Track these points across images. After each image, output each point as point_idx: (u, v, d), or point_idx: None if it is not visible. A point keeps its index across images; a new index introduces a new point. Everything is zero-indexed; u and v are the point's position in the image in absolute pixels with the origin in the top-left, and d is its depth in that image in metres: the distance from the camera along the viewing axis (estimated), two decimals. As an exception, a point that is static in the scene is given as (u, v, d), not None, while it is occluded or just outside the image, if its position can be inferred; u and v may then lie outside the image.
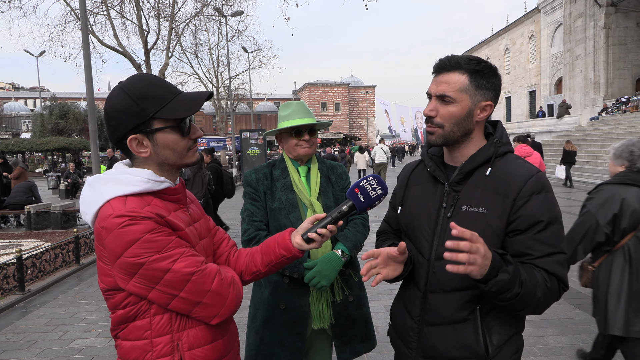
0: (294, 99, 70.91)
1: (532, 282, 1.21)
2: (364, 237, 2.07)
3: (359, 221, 2.09)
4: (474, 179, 1.34)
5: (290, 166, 2.08)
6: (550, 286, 1.24)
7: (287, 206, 1.99)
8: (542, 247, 1.25)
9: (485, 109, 1.34)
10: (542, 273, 1.25)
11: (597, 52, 25.15)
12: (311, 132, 2.05)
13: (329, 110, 67.61)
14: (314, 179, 2.06)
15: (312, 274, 1.87)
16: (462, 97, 1.30)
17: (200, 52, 34.74)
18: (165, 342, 1.19)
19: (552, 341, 3.70)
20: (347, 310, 2.04)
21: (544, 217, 1.25)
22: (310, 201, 2.00)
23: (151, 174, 1.20)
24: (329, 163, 2.19)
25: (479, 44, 46.27)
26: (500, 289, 1.16)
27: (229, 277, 1.25)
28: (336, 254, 1.92)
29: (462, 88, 1.30)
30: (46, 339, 4.16)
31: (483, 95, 1.32)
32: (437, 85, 1.33)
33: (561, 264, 1.27)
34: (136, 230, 1.09)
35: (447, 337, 1.35)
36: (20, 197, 10.35)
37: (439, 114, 1.33)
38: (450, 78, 1.31)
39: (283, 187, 2.03)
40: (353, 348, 2.07)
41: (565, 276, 1.27)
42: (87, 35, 8.04)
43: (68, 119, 34.65)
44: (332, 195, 2.07)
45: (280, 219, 1.99)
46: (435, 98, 1.35)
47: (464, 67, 1.30)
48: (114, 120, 1.19)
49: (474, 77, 1.30)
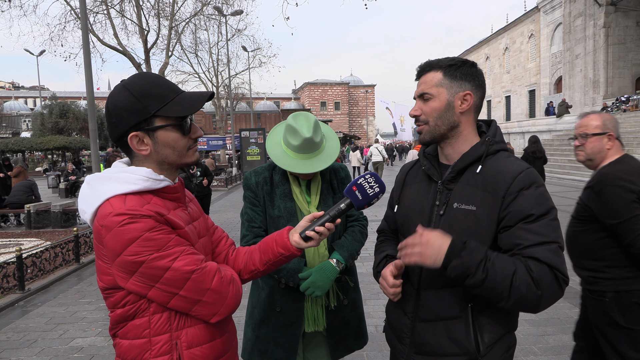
0: (293, 98, 70.97)
1: (504, 269, 1.19)
2: (361, 245, 2.05)
3: (357, 229, 2.06)
4: (466, 177, 1.37)
5: (291, 175, 2.02)
6: (537, 276, 1.19)
7: (286, 215, 1.96)
8: (532, 236, 1.23)
9: (466, 98, 1.38)
10: (528, 262, 1.21)
11: (596, 51, 25.16)
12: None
13: (328, 110, 67.64)
14: (315, 188, 2.02)
15: (306, 284, 1.87)
16: (439, 91, 1.38)
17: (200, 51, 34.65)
18: (164, 341, 1.19)
19: (552, 340, 3.71)
20: (342, 312, 2.05)
21: (534, 210, 1.25)
22: (309, 211, 1.97)
23: (151, 172, 1.20)
24: (331, 166, 2.11)
25: (479, 43, 46.28)
26: (458, 274, 1.22)
27: (229, 276, 1.25)
28: (331, 263, 1.90)
29: (437, 83, 1.38)
30: (46, 337, 4.16)
31: (460, 86, 1.38)
32: (418, 87, 1.44)
33: (554, 252, 1.22)
34: (136, 229, 1.09)
35: (439, 334, 1.36)
36: (20, 196, 10.35)
37: (423, 112, 1.41)
38: (427, 78, 1.41)
39: (282, 195, 1.98)
40: (346, 346, 2.08)
41: (560, 264, 1.21)
42: (87, 34, 8.03)
43: (68, 118, 34.61)
44: (332, 203, 2.01)
45: (279, 227, 1.95)
46: (418, 99, 1.44)
47: (439, 65, 1.40)
48: (116, 117, 1.19)
49: (447, 71, 1.38)
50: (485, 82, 1.45)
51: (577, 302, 4.44)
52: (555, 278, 1.21)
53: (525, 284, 1.19)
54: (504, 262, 1.22)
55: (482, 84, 1.41)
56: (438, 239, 1.25)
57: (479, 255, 1.22)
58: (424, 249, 1.24)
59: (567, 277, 1.23)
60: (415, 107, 1.44)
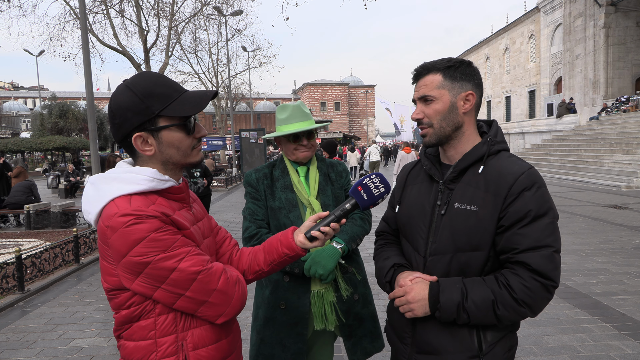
0: (293, 98, 70.92)
1: (484, 302, 1.27)
2: (363, 229, 2.07)
3: (357, 215, 2.10)
4: (467, 177, 1.37)
5: (290, 167, 2.09)
6: (520, 295, 1.24)
7: (287, 205, 2.00)
8: (527, 240, 1.26)
9: (468, 98, 1.39)
10: (512, 276, 1.27)
11: (596, 52, 25.16)
12: (309, 135, 2.05)
13: (328, 110, 67.61)
14: (313, 179, 2.07)
15: (308, 263, 1.88)
16: (441, 92, 1.38)
17: (199, 52, 34.66)
18: (170, 342, 1.18)
19: (552, 340, 3.70)
20: (354, 309, 2.04)
21: (532, 211, 1.27)
22: (308, 200, 2.01)
23: (156, 172, 1.19)
24: (329, 161, 2.20)
25: (479, 43, 46.29)
26: (446, 319, 1.31)
27: (235, 276, 1.24)
28: (330, 244, 1.93)
29: (439, 85, 1.38)
30: (46, 338, 4.15)
31: (461, 86, 1.38)
32: (418, 90, 1.43)
33: (547, 258, 1.25)
34: (142, 229, 1.09)
35: (441, 333, 1.36)
36: (20, 196, 10.35)
37: (426, 114, 1.41)
38: (426, 80, 1.40)
39: (283, 187, 2.04)
40: (364, 349, 2.06)
41: (551, 271, 1.25)
42: (86, 34, 8.02)
43: (67, 118, 34.54)
44: (331, 194, 2.08)
45: (280, 218, 2.00)
46: (419, 101, 1.43)
47: (437, 67, 1.40)
48: (119, 118, 1.18)
49: (447, 72, 1.38)
50: (482, 81, 1.45)
51: (577, 302, 4.47)
52: (543, 286, 1.26)
53: (508, 307, 1.26)
54: (482, 295, 1.27)
55: (480, 82, 1.42)
56: (420, 292, 1.33)
57: (454, 296, 1.29)
58: (413, 306, 1.34)
59: (557, 283, 1.28)
60: (417, 111, 1.43)
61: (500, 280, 1.28)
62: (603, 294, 4.72)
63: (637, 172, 14.55)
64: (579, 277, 5.33)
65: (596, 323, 4.00)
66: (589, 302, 4.51)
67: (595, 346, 3.56)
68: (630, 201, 11.39)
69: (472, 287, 1.29)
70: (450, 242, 1.34)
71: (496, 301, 1.26)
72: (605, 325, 3.95)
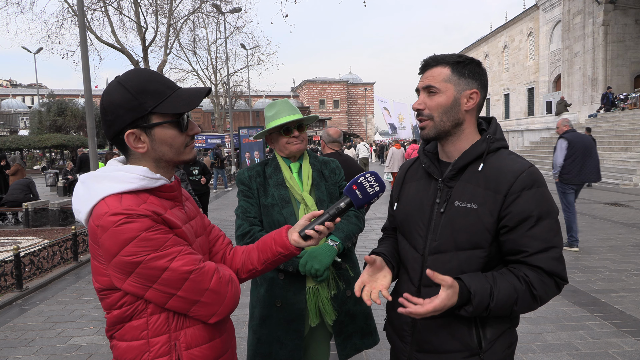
0: (292, 95, 70.89)
1: (508, 300, 1.25)
2: (357, 227, 2.07)
3: (352, 214, 2.11)
4: (467, 174, 1.36)
5: (282, 163, 2.09)
6: (539, 293, 1.26)
7: (280, 202, 2.00)
8: (536, 243, 1.27)
9: (472, 97, 1.38)
10: (532, 277, 1.26)
11: (595, 50, 25.14)
12: (300, 127, 2.06)
13: (327, 108, 67.55)
14: (306, 174, 2.08)
15: (304, 259, 1.88)
16: (446, 86, 1.36)
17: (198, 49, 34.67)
18: (163, 342, 1.17)
19: (550, 338, 3.71)
20: (346, 305, 2.04)
21: (535, 212, 1.27)
22: (302, 196, 2.01)
23: (147, 171, 1.17)
24: (321, 158, 2.20)
25: (478, 41, 46.22)
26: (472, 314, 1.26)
27: (227, 275, 1.23)
28: (326, 242, 1.93)
29: (446, 78, 1.36)
30: (44, 336, 4.15)
31: (467, 84, 1.37)
32: (424, 80, 1.41)
33: (557, 260, 1.28)
34: (133, 229, 1.07)
35: (440, 331, 1.36)
36: (18, 194, 10.33)
37: (427, 106, 1.39)
38: (434, 72, 1.38)
39: (275, 184, 2.04)
40: (353, 344, 2.07)
41: (562, 271, 1.29)
42: (84, 32, 7.99)
43: (66, 116, 34.50)
44: (325, 190, 2.08)
45: (274, 215, 2.00)
46: (422, 91, 1.41)
47: (446, 61, 1.38)
48: (111, 115, 1.16)
49: (456, 67, 1.37)
50: (488, 82, 1.44)
51: (575, 299, 4.47)
52: (556, 284, 1.30)
53: (526, 304, 1.27)
54: (507, 292, 1.25)
55: (486, 84, 1.42)
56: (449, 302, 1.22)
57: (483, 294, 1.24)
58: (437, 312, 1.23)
59: (567, 280, 1.31)
60: (419, 101, 1.41)
61: (520, 276, 1.27)
62: (602, 292, 4.72)
63: (635, 170, 14.56)
64: (578, 274, 5.33)
65: (595, 320, 4.01)
66: (587, 300, 4.51)
67: (593, 343, 3.57)
68: (629, 199, 11.41)
69: (499, 286, 1.26)
70: (451, 241, 1.34)
71: (518, 299, 1.26)
72: (603, 322, 3.95)
